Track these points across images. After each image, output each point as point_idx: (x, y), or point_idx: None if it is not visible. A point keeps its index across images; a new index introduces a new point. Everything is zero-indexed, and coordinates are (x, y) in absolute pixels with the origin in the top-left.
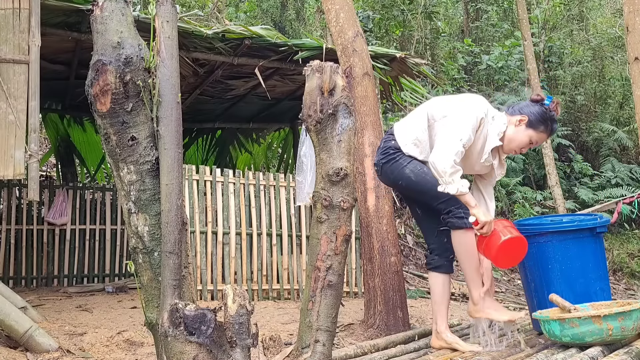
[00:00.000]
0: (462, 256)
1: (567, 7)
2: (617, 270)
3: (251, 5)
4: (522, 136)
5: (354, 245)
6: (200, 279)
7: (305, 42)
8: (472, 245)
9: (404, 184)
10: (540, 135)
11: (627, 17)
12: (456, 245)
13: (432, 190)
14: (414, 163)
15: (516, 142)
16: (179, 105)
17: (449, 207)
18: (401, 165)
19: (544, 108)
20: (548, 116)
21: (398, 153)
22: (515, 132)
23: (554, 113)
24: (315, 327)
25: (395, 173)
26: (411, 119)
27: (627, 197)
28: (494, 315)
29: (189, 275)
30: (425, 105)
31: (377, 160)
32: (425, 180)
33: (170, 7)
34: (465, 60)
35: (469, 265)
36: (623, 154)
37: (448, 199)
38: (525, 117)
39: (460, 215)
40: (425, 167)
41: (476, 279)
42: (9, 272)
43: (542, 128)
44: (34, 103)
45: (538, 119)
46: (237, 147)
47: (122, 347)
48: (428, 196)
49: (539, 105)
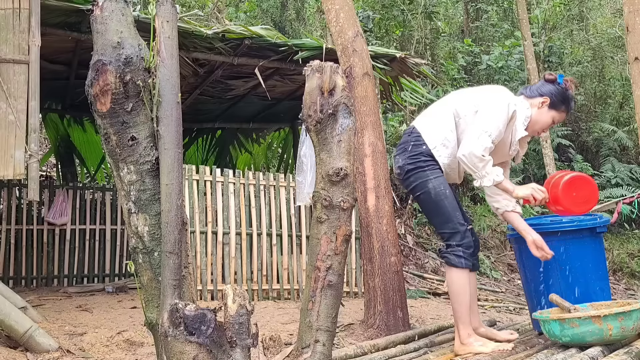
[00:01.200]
0: (453, 294)
1: (567, 7)
2: (617, 270)
3: (251, 5)
4: (546, 117)
5: (354, 245)
6: (200, 279)
7: (305, 42)
8: (465, 284)
9: (422, 197)
10: (561, 115)
11: (627, 17)
12: (449, 283)
13: (444, 216)
14: (439, 180)
15: (540, 124)
16: (179, 105)
17: (450, 242)
18: (427, 177)
19: (561, 87)
20: (567, 94)
21: (429, 162)
22: (539, 114)
23: (570, 91)
24: (315, 327)
25: (417, 182)
26: (437, 118)
27: (627, 197)
28: (480, 349)
29: (189, 275)
30: (449, 101)
31: (402, 164)
32: (442, 204)
33: (170, 7)
34: (465, 60)
35: (460, 304)
36: (623, 154)
37: (454, 233)
38: (547, 98)
39: (458, 254)
40: (448, 190)
41: (465, 318)
42: (9, 272)
43: (563, 107)
44: (34, 103)
45: (559, 98)
46: (237, 147)
47: (122, 347)
48: (438, 220)
49: (554, 84)
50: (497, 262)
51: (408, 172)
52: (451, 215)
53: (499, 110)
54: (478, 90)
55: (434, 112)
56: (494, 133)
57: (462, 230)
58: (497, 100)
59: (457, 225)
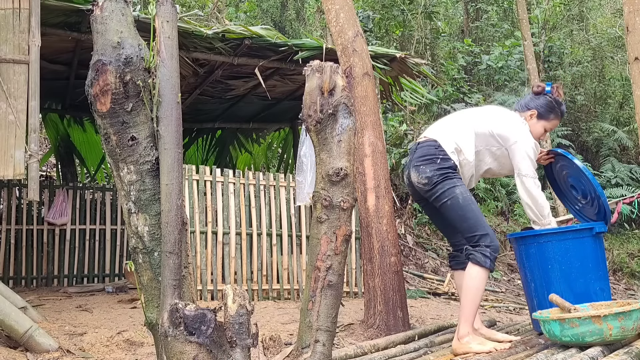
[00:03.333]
0: (469, 291)
1: (567, 7)
2: (617, 270)
3: (251, 5)
4: (537, 128)
5: (354, 245)
6: (200, 279)
7: (305, 42)
8: (482, 285)
9: (450, 203)
10: (552, 122)
11: (627, 17)
12: (468, 279)
13: (473, 219)
14: (464, 187)
15: (533, 135)
16: (179, 105)
17: (480, 242)
18: (454, 184)
19: (547, 97)
20: (554, 103)
21: (456, 173)
22: (530, 126)
23: (558, 98)
24: (315, 327)
25: (445, 189)
26: (461, 138)
27: (627, 197)
28: (478, 348)
29: (189, 275)
30: (469, 122)
31: (430, 175)
32: (470, 209)
33: (170, 7)
34: (465, 60)
35: (471, 302)
36: (623, 154)
37: (484, 235)
38: (534, 110)
39: (486, 253)
40: (472, 197)
41: (471, 317)
42: (9, 272)
43: (552, 116)
44: (34, 103)
45: (545, 109)
46: (237, 147)
47: (122, 347)
48: (467, 224)
49: (542, 96)
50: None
51: (436, 182)
52: (480, 218)
53: (530, 151)
54: (496, 119)
55: (457, 130)
56: (531, 172)
57: (492, 234)
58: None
59: (487, 228)
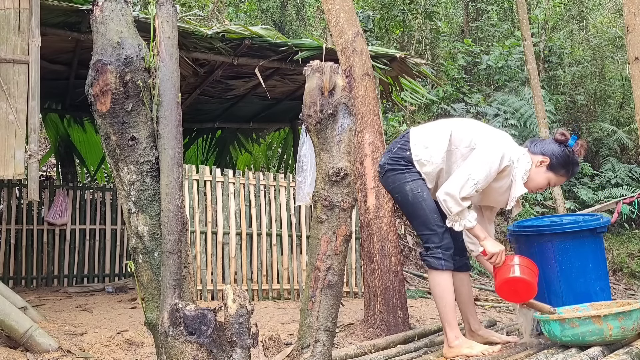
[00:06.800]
0: (436, 297)
1: (567, 7)
2: (617, 270)
3: (251, 5)
4: (541, 178)
5: (354, 245)
6: (200, 279)
7: (305, 42)
8: (448, 286)
9: (400, 199)
10: (559, 179)
11: (627, 17)
12: (431, 286)
13: (422, 218)
14: (417, 183)
15: (534, 183)
16: (179, 105)
17: (429, 244)
18: (405, 179)
19: (567, 150)
20: (570, 160)
21: (408, 167)
22: (536, 172)
23: (577, 157)
24: (315, 327)
25: (395, 184)
26: (432, 135)
27: (627, 197)
28: (467, 352)
29: (189, 275)
30: (450, 125)
31: (382, 163)
32: (420, 206)
33: (170, 7)
34: (465, 60)
35: (444, 305)
36: (623, 154)
37: (432, 234)
38: (547, 158)
39: (438, 256)
40: (426, 192)
41: (452, 320)
42: (9, 272)
43: (563, 172)
44: (34, 103)
45: (560, 162)
46: (237, 147)
47: (122, 347)
48: (416, 222)
49: (562, 146)
50: None
51: (387, 172)
52: (429, 217)
53: (491, 159)
54: (482, 127)
55: (433, 129)
56: (480, 182)
57: (440, 232)
58: (493, 149)
59: (435, 226)
